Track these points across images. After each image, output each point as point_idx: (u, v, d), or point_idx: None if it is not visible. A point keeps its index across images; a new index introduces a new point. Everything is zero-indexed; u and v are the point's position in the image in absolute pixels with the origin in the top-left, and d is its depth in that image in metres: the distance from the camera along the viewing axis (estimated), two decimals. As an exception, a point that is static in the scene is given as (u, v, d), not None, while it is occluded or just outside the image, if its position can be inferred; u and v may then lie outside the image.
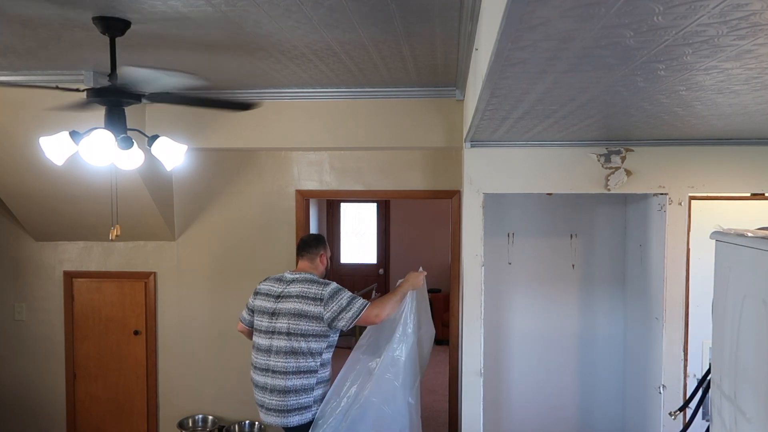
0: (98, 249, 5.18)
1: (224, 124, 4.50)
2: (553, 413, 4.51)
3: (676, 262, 3.50)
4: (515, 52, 1.47)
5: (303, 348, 3.42)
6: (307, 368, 3.45)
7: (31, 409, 5.32)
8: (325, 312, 3.42)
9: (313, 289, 3.49)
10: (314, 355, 3.46)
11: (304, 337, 3.42)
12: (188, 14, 2.62)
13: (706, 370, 2.29)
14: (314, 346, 3.45)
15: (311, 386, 3.47)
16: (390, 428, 3.62)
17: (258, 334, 3.59)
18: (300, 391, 3.45)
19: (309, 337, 3.43)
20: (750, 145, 3.42)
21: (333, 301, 3.44)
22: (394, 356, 3.64)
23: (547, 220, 4.43)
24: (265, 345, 3.51)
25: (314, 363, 3.46)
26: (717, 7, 1.13)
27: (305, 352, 3.43)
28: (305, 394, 3.46)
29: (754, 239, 1.58)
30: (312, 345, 3.44)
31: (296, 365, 3.43)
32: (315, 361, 3.47)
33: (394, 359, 3.63)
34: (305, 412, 3.47)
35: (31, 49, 3.27)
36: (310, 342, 3.43)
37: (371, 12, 2.60)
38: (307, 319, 3.42)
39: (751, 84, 1.84)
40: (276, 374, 3.45)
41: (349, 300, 3.46)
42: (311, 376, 3.46)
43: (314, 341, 3.44)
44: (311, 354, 3.45)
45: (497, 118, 2.65)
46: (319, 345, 3.46)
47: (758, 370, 1.53)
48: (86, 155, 2.91)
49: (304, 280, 3.55)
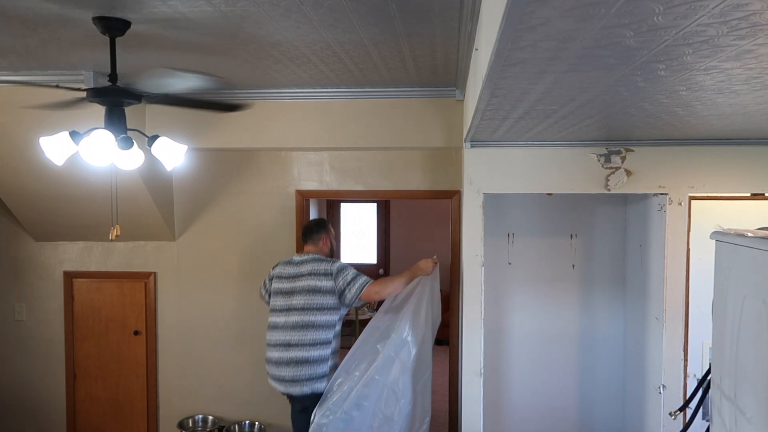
0: (98, 249, 5.18)
1: (224, 124, 4.49)
2: (553, 413, 4.51)
3: (676, 262, 3.50)
4: (515, 52, 1.47)
5: (318, 321, 3.75)
6: (323, 340, 3.76)
7: (31, 409, 5.32)
8: (336, 285, 3.77)
9: (322, 266, 3.83)
10: (328, 328, 3.78)
11: (319, 311, 3.75)
12: (188, 14, 2.62)
13: (706, 370, 2.29)
14: (328, 319, 3.77)
15: (326, 357, 3.77)
16: (393, 408, 3.73)
17: (274, 314, 3.89)
18: (317, 361, 3.74)
19: (324, 311, 3.76)
20: (750, 145, 3.42)
21: (341, 275, 3.78)
22: (403, 337, 3.76)
23: (547, 220, 4.43)
24: (282, 322, 3.81)
25: (329, 335, 3.78)
26: (717, 7, 1.13)
27: (320, 324, 3.75)
28: (322, 364, 3.75)
29: (754, 239, 1.58)
30: (326, 317, 3.77)
31: (313, 338, 3.74)
32: (328, 334, 3.78)
33: (402, 341, 3.76)
34: (323, 380, 3.76)
35: (32, 49, 3.27)
36: (324, 315, 3.76)
37: (371, 12, 2.60)
38: (320, 293, 3.76)
39: (751, 84, 1.84)
40: (293, 347, 3.75)
41: (354, 276, 3.80)
42: (326, 347, 3.77)
43: (328, 314, 3.77)
44: (325, 327, 3.76)
45: (497, 118, 2.65)
46: (332, 318, 3.79)
47: (758, 370, 1.53)
48: (86, 155, 2.91)
49: (312, 260, 3.89)
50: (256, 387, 5.08)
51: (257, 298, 5.05)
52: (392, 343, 3.75)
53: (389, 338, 3.76)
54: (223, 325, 5.10)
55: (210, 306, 5.11)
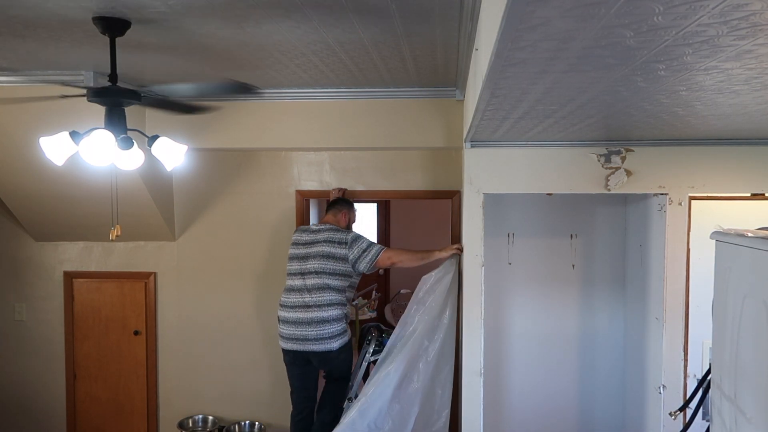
0: (98, 249, 5.18)
1: (224, 124, 4.50)
2: (553, 413, 4.51)
3: (677, 262, 3.50)
4: (515, 52, 1.47)
5: (332, 284, 4.02)
6: (338, 301, 4.05)
7: (31, 409, 5.32)
8: (349, 254, 4.03)
9: (338, 235, 4.11)
10: (340, 291, 4.07)
11: (332, 275, 4.02)
12: (188, 14, 2.62)
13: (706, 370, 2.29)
14: (339, 284, 4.05)
15: (342, 316, 4.06)
16: (406, 390, 3.92)
17: (291, 278, 4.15)
18: (335, 320, 4.02)
19: (336, 276, 4.03)
20: (750, 145, 3.42)
21: (355, 245, 4.05)
22: (425, 330, 3.95)
23: (548, 220, 4.43)
24: (299, 285, 4.08)
25: (342, 297, 4.08)
26: (717, 7, 1.12)
27: (334, 287, 4.03)
28: (339, 322, 4.04)
29: (754, 239, 1.58)
30: (338, 282, 4.04)
31: (329, 299, 4.02)
32: (342, 296, 4.08)
33: (425, 334, 3.94)
34: (344, 336, 4.06)
35: (32, 50, 3.27)
36: (336, 280, 4.03)
37: (371, 12, 2.60)
38: (334, 259, 4.03)
39: (751, 84, 1.84)
40: (311, 308, 4.01)
41: (368, 244, 4.08)
42: (341, 308, 4.07)
43: (339, 279, 4.05)
44: (338, 290, 4.05)
45: (497, 118, 2.65)
46: (343, 283, 4.07)
47: (758, 370, 1.53)
48: (86, 155, 2.91)
49: (329, 229, 4.17)
50: (256, 387, 5.08)
51: (257, 298, 5.06)
52: (417, 337, 3.93)
53: (416, 332, 3.93)
54: (223, 325, 5.10)
55: (210, 306, 5.11)
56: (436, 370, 3.96)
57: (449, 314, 3.97)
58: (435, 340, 3.94)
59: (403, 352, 3.87)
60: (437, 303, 3.94)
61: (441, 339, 3.95)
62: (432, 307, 3.94)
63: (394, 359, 3.86)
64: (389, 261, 4.07)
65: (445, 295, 3.96)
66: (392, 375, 3.83)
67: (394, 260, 4.09)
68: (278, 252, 4.98)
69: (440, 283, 3.98)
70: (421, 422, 3.96)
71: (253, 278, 5.06)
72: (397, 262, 4.11)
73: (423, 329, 3.92)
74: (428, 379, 3.93)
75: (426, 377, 3.92)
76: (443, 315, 3.96)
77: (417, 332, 3.91)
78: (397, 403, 3.87)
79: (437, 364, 3.95)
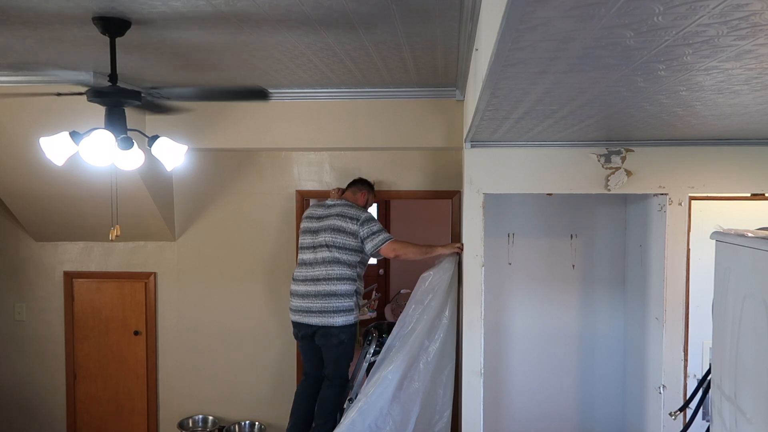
0: (98, 249, 5.18)
1: (224, 124, 4.50)
2: (553, 413, 4.51)
3: (677, 263, 3.50)
4: (515, 52, 1.47)
5: (342, 258, 4.02)
6: (348, 276, 4.04)
7: (31, 409, 5.32)
8: (360, 231, 4.02)
9: (351, 210, 4.10)
10: (351, 266, 4.05)
11: (342, 249, 4.02)
12: (188, 14, 2.62)
13: (706, 370, 2.29)
14: (350, 259, 4.05)
15: (351, 292, 4.05)
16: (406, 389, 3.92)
17: (303, 251, 4.18)
18: (343, 295, 4.01)
19: (347, 250, 4.03)
20: (750, 146, 3.42)
21: (367, 224, 4.04)
22: (425, 330, 3.93)
23: (548, 220, 4.43)
24: (310, 259, 4.10)
25: (353, 272, 4.06)
26: (717, 8, 1.12)
27: (344, 261, 4.03)
28: (347, 298, 4.03)
29: (754, 239, 1.58)
30: (349, 257, 4.04)
31: (339, 273, 4.02)
32: (353, 271, 4.06)
33: (425, 333, 3.93)
34: (349, 314, 4.03)
35: (32, 50, 3.27)
36: (347, 254, 4.03)
37: (371, 12, 2.60)
38: (345, 234, 4.03)
39: (751, 84, 1.84)
40: (320, 282, 4.03)
41: (379, 229, 4.06)
42: (352, 283, 4.05)
43: (350, 254, 4.04)
44: (349, 265, 4.04)
45: (497, 119, 2.64)
46: (354, 258, 4.06)
47: (758, 371, 1.53)
48: (86, 156, 2.91)
49: (344, 204, 4.16)
50: (256, 387, 5.08)
51: (257, 297, 5.06)
52: (417, 336, 3.92)
53: (416, 332, 3.92)
54: (223, 325, 5.10)
55: (210, 306, 5.11)
56: (437, 370, 3.96)
57: (449, 313, 3.98)
58: (435, 340, 3.95)
59: (403, 351, 3.87)
60: (437, 302, 3.95)
61: (441, 338, 3.96)
62: (432, 307, 3.95)
63: (394, 359, 3.85)
64: (393, 253, 4.05)
65: (445, 294, 3.96)
66: (392, 375, 3.82)
67: (398, 252, 4.07)
68: (278, 252, 4.98)
69: (440, 281, 3.99)
70: (423, 423, 3.96)
71: (253, 278, 5.06)
72: (401, 255, 4.09)
73: (423, 328, 3.92)
74: (429, 379, 3.93)
75: (427, 377, 3.92)
76: (443, 314, 3.97)
77: (417, 331, 3.91)
78: (398, 403, 3.87)
79: (438, 364, 3.96)
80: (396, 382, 3.83)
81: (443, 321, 3.96)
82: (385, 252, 4.04)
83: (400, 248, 4.08)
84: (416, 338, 3.90)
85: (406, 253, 4.10)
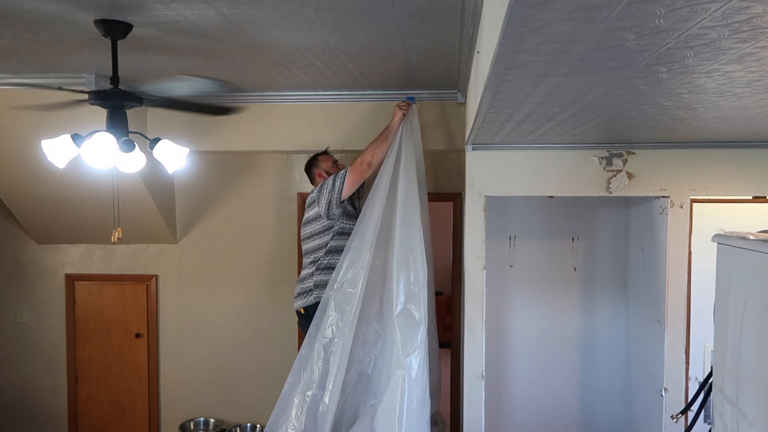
0: (100, 252, 5.18)
1: (226, 127, 4.49)
2: (555, 416, 4.50)
3: (678, 265, 3.49)
4: (516, 55, 1.47)
5: (312, 246, 3.93)
6: (313, 260, 3.94)
7: (32, 411, 5.32)
8: (320, 209, 3.83)
9: (311, 196, 3.93)
10: (320, 249, 3.91)
11: (310, 238, 3.93)
12: (190, 17, 2.63)
13: (707, 373, 2.28)
14: (320, 242, 3.91)
15: (310, 273, 3.93)
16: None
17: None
18: (303, 278, 3.97)
19: (314, 236, 3.92)
20: (752, 148, 3.42)
21: (322, 193, 3.82)
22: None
23: (549, 222, 4.43)
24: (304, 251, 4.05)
25: (319, 254, 3.91)
26: (719, 10, 1.13)
27: (313, 249, 3.92)
28: (307, 279, 3.94)
29: (755, 242, 1.58)
30: (317, 242, 3.91)
31: (306, 261, 3.99)
32: (319, 253, 3.90)
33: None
34: (307, 296, 3.92)
35: (34, 52, 3.28)
36: (315, 240, 3.92)
37: (373, 15, 2.60)
38: (309, 223, 3.93)
39: (752, 87, 1.84)
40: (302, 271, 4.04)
41: (332, 180, 3.81)
42: (313, 265, 3.93)
43: (317, 238, 3.91)
44: (317, 249, 3.91)
45: (499, 121, 2.65)
46: (325, 238, 3.90)
47: (760, 373, 1.53)
48: (88, 158, 2.92)
49: (311, 193, 3.97)
50: (258, 390, 5.08)
51: (259, 300, 5.06)
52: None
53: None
54: (224, 328, 5.10)
55: (212, 309, 5.11)
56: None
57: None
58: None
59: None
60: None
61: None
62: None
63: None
64: (366, 166, 3.74)
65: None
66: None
67: (366, 160, 3.74)
68: (280, 254, 4.98)
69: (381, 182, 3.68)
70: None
71: (254, 281, 5.06)
72: (374, 162, 3.75)
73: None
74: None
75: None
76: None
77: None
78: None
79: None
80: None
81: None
82: (357, 179, 3.77)
83: (364, 158, 3.76)
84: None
85: (375, 156, 3.75)
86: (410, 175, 3.73)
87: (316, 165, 4.16)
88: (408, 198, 3.68)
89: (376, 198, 3.68)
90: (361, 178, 3.82)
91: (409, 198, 3.68)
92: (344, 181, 3.77)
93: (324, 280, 3.85)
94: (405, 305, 3.53)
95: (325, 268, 3.89)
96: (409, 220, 3.65)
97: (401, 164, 3.75)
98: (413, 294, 3.54)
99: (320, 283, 3.87)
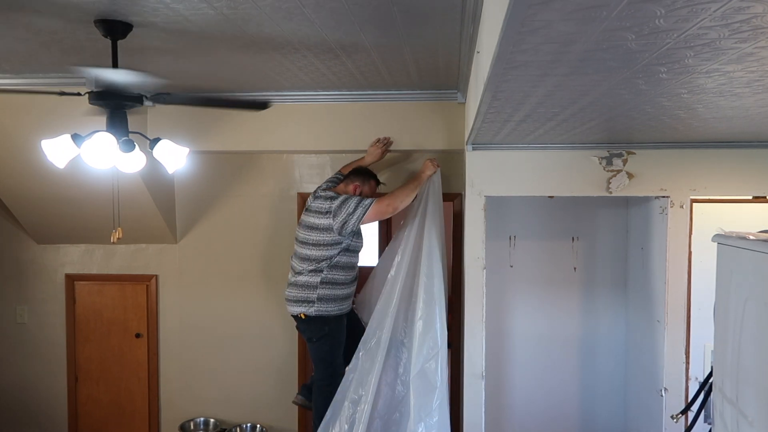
0: (100, 252, 5.18)
1: (226, 126, 4.50)
2: (555, 416, 4.51)
3: (678, 265, 3.49)
4: (517, 55, 1.47)
5: (313, 256, 3.92)
6: (315, 269, 3.93)
7: (32, 412, 5.32)
8: (334, 223, 3.83)
9: (326, 204, 3.90)
10: (324, 260, 3.92)
11: (314, 246, 3.91)
12: (190, 17, 2.63)
13: (708, 373, 2.28)
14: (326, 254, 3.92)
15: (315, 284, 3.93)
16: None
17: (295, 243, 4.11)
18: (305, 286, 3.95)
19: (320, 246, 3.91)
20: (752, 148, 3.42)
21: (341, 210, 3.83)
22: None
23: (549, 222, 4.43)
24: (296, 251, 4.06)
25: (322, 265, 3.93)
26: (719, 10, 1.13)
27: (315, 258, 3.92)
28: (309, 290, 3.94)
29: (756, 242, 1.58)
30: (322, 253, 3.91)
31: (309, 268, 3.95)
32: (322, 264, 3.93)
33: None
34: (309, 306, 3.94)
35: (33, 52, 3.28)
36: (321, 250, 3.91)
37: (373, 15, 2.60)
38: (317, 230, 3.90)
39: (752, 87, 1.84)
40: (297, 274, 4.01)
41: (356, 204, 3.83)
42: (316, 275, 3.93)
43: (326, 249, 3.91)
44: (320, 260, 3.92)
45: (499, 121, 2.65)
46: (331, 252, 3.92)
47: (760, 373, 1.53)
48: (88, 158, 2.92)
49: (326, 197, 3.95)
50: (258, 390, 5.08)
51: (258, 300, 5.06)
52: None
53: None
54: (224, 328, 5.09)
55: (212, 309, 5.11)
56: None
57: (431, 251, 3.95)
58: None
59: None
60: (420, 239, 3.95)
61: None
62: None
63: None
64: (389, 207, 3.85)
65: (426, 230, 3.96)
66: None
67: (394, 204, 3.85)
68: (279, 255, 4.97)
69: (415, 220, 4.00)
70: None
71: (254, 281, 5.06)
72: (398, 206, 3.88)
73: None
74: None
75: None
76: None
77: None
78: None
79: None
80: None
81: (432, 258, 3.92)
82: (378, 214, 3.84)
83: (392, 199, 3.87)
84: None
85: (401, 198, 3.89)
86: (434, 234, 3.97)
87: (362, 180, 4.14)
88: (431, 258, 3.93)
89: (404, 255, 3.99)
90: (382, 217, 3.95)
91: (433, 259, 3.93)
92: (366, 211, 3.81)
93: (328, 294, 3.95)
94: (422, 366, 3.77)
95: (329, 282, 3.95)
96: (431, 282, 3.89)
97: (426, 222, 4.00)
98: (432, 355, 3.78)
99: (324, 297, 3.94)
